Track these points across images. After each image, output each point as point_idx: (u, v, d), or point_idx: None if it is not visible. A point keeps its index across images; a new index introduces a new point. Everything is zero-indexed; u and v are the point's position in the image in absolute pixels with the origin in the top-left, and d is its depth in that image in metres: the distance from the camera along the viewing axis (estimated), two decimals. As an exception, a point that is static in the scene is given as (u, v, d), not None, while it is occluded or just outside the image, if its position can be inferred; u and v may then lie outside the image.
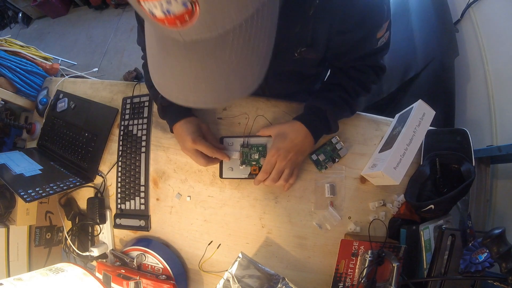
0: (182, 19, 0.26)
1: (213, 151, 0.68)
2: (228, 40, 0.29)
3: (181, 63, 0.32)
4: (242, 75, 0.32)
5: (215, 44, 0.29)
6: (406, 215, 0.66)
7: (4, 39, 1.13)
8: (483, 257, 0.50)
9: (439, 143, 0.66)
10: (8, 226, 0.77)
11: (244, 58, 0.31)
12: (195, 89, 0.33)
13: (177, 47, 0.31)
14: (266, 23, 0.31)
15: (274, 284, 0.60)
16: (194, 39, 0.29)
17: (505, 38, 0.80)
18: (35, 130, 0.96)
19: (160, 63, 0.34)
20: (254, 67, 0.33)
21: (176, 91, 0.34)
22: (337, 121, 0.66)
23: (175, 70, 0.33)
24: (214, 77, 0.32)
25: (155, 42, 0.34)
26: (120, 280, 0.66)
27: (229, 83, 0.32)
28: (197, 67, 0.31)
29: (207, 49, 0.30)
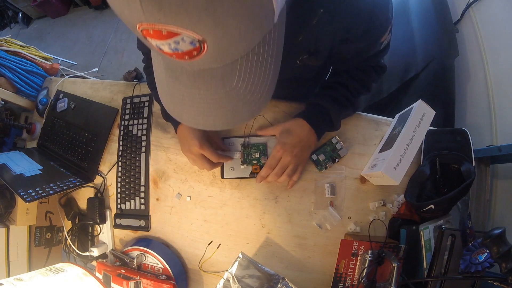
0: (190, 54, 0.27)
1: (218, 157, 0.68)
2: (236, 68, 0.30)
3: (189, 90, 0.32)
4: (249, 100, 0.33)
5: (222, 72, 0.30)
6: (406, 215, 0.66)
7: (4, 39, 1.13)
8: (483, 257, 0.50)
9: (439, 143, 0.66)
10: (8, 226, 0.77)
11: (251, 84, 0.32)
12: (204, 113, 0.34)
13: (186, 75, 0.31)
14: (272, 49, 0.31)
15: (274, 284, 0.60)
16: (202, 68, 0.30)
17: (505, 38, 0.79)
18: (35, 130, 0.96)
19: (169, 88, 0.35)
20: (262, 91, 0.33)
21: (186, 114, 0.35)
22: (340, 119, 0.67)
23: (184, 96, 0.33)
24: (223, 104, 0.32)
25: (163, 69, 0.34)
26: (120, 280, 0.66)
27: (237, 108, 0.33)
28: (205, 94, 0.32)
29: (215, 77, 0.30)
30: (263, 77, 0.32)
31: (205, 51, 0.26)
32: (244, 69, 0.30)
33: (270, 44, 0.31)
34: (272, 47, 0.31)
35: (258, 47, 0.30)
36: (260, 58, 0.30)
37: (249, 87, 0.32)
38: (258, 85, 0.32)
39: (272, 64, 0.32)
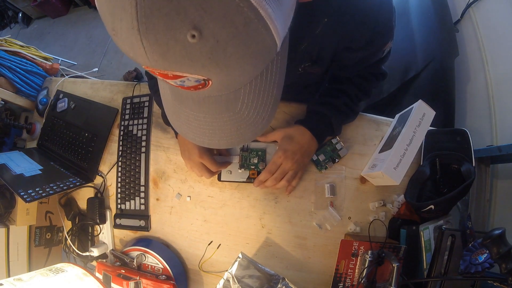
0: (195, 88, 0.28)
1: (217, 166, 0.69)
2: (239, 95, 0.31)
3: (195, 114, 0.34)
4: (253, 122, 0.34)
5: (227, 99, 0.31)
6: (406, 215, 0.66)
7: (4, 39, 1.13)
8: (483, 258, 0.50)
9: (439, 143, 0.66)
10: (8, 226, 0.77)
11: (255, 108, 0.33)
12: (209, 134, 0.35)
13: (191, 100, 0.32)
14: (275, 76, 0.32)
15: (274, 284, 0.60)
16: (207, 95, 0.31)
17: (505, 38, 0.79)
18: (35, 130, 0.96)
19: (175, 109, 0.36)
20: (265, 114, 0.34)
21: (192, 133, 0.36)
22: (341, 126, 0.67)
23: (189, 118, 0.34)
24: (227, 126, 0.34)
25: (169, 91, 0.35)
26: (120, 280, 0.66)
27: (241, 130, 0.34)
28: (210, 118, 0.33)
29: (220, 103, 0.31)
30: (266, 101, 0.33)
31: (210, 85, 0.27)
32: (248, 96, 0.31)
33: (273, 71, 0.31)
34: (275, 74, 0.32)
35: (261, 75, 0.30)
36: (263, 84, 0.31)
37: (252, 111, 0.33)
38: (261, 108, 0.33)
39: (274, 89, 0.33)
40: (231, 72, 0.26)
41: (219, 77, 0.26)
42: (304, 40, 0.50)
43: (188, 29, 0.21)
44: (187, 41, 0.22)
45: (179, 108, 0.35)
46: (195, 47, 0.22)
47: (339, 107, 0.64)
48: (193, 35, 0.22)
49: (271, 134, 0.70)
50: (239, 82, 0.30)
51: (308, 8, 0.45)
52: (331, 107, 0.64)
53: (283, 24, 0.27)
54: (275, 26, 0.25)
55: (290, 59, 0.51)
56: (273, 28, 0.25)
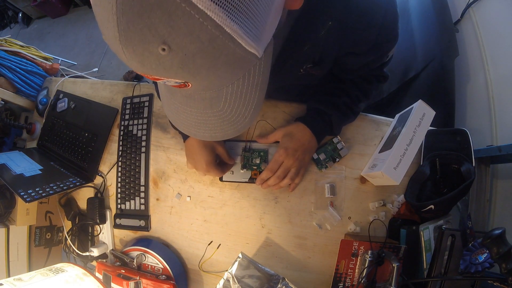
0: (179, 86, 0.31)
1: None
2: (222, 94, 0.33)
3: (183, 107, 0.36)
4: (235, 120, 0.36)
5: (210, 97, 0.33)
6: (406, 215, 0.66)
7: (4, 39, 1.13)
8: (483, 258, 0.50)
9: (439, 143, 0.66)
10: (8, 226, 0.77)
11: (237, 108, 0.35)
12: (196, 127, 0.38)
13: (179, 94, 0.35)
14: (257, 79, 0.34)
15: (274, 284, 0.60)
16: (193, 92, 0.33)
17: (505, 38, 0.79)
18: (35, 130, 0.96)
19: (168, 100, 0.39)
20: (246, 114, 0.36)
21: (181, 124, 0.39)
22: (340, 126, 0.67)
23: (179, 110, 0.37)
24: (211, 121, 0.36)
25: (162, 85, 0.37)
26: (120, 280, 0.66)
27: (224, 126, 0.37)
28: (196, 112, 0.36)
29: (204, 100, 0.34)
30: (248, 102, 0.35)
31: (190, 86, 0.30)
32: (230, 96, 0.33)
33: (255, 74, 0.33)
34: (258, 76, 0.33)
35: (244, 77, 0.32)
36: (245, 86, 0.33)
37: (234, 110, 0.35)
38: (244, 108, 0.35)
39: (257, 92, 0.35)
40: (205, 78, 0.29)
41: (195, 81, 0.29)
42: (308, 42, 0.50)
43: (158, 44, 0.24)
44: (159, 53, 0.24)
45: (170, 100, 0.38)
46: (166, 58, 0.25)
47: (339, 106, 0.64)
48: (163, 48, 0.24)
49: (272, 135, 0.70)
50: (218, 85, 0.32)
51: (313, 11, 0.45)
52: (331, 105, 0.64)
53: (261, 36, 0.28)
54: (245, 39, 0.26)
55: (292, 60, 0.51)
56: (242, 41, 0.26)
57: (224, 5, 0.23)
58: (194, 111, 0.36)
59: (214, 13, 0.23)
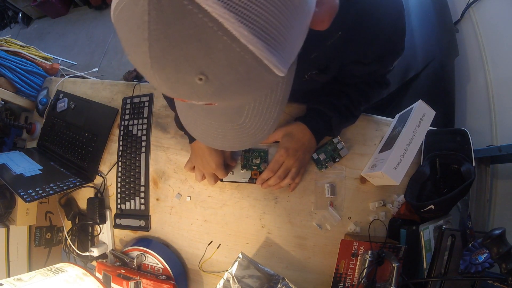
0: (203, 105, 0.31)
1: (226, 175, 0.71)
2: (243, 110, 0.33)
3: (202, 120, 0.36)
4: (254, 133, 0.36)
5: (232, 112, 0.33)
6: (406, 215, 0.66)
7: (4, 39, 1.12)
8: (483, 258, 0.50)
9: (439, 143, 0.66)
10: (8, 226, 0.77)
11: (257, 122, 0.35)
12: (213, 138, 0.38)
13: (200, 108, 0.35)
14: (279, 96, 0.33)
15: (274, 284, 0.60)
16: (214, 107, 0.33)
17: (505, 38, 0.79)
18: (35, 130, 0.96)
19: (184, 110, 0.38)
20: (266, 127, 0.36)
21: (197, 133, 0.39)
22: (340, 128, 0.67)
23: (197, 122, 0.37)
24: (230, 134, 0.36)
25: None
26: (120, 280, 0.66)
27: (242, 138, 0.37)
28: (215, 125, 0.36)
29: (225, 114, 0.34)
30: (269, 117, 0.35)
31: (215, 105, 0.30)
32: (252, 112, 0.33)
33: (277, 91, 0.33)
34: (280, 93, 0.33)
35: (266, 96, 0.32)
36: (267, 103, 0.33)
37: (254, 124, 0.35)
38: (263, 122, 0.35)
39: (278, 106, 0.34)
40: (234, 100, 0.30)
41: (223, 103, 0.30)
42: (315, 50, 0.50)
43: (196, 74, 0.23)
44: (194, 82, 0.24)
45: (187, 111, 0.38)
46: (202, 87, 0.25)
47: (340, 108, 0.64)
48: (201, 78, 0.24)
49: (271, 135, 0.70)
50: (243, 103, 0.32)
51: None
52: (331, 107, 0.64)
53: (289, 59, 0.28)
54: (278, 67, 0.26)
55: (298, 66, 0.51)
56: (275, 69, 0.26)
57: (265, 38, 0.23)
58: (214, 124, 0.36)
59: (255, 46, 0.23)
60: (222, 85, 0.25)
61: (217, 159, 0.66)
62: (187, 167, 0.73)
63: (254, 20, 0.22)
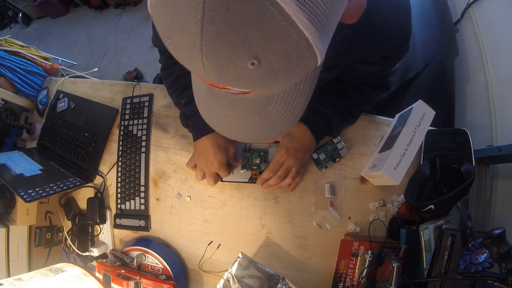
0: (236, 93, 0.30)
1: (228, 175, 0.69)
2: (272, 100, 0.33)
3: (228, 111, 0.35)
4: (279, 124, 0.36)
5: (260, 103, 0.33)
6: (406, 215, 0.66)
7: (4, 39, 1.12)
8: (483, 258, 0.50)
9: (439, 143, 0.66)
10: (8, 226, 0.77)
11: (283, 114, 0.35)
12: (237, 130, 0.37)
13: (225, 99, 0.34)
14: (306, 87, 0.34)
15: (274, 284, 0.60)
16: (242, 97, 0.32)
17: (505, 38, 0.79)
18: (35, 130, 0.96)
19: (208, 103, 0.37)
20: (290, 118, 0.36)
21: (221, 126, 0.38)
22: (340, 129, 0.67)
23: (221, 113, 0.36)
24: (255, 125, 0.36)
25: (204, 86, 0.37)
26: (120, 280, 0.66)
27: (267, 129, 0.36)
28: (241, 116, 0.35)
29: (252, 105, 0.34)
30: (295, 107, 0.35)
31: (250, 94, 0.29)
32: (280, 102, 0.33)
33: (306, 82, 0.33)
34: (308, 84, 0.33)
35: (295, 86, 0.32)
36: (296, 93, 0.33)
37: (281, 115, 0.35)
38: (289, 113, 0.35)
39: (304, 97, 0.35)
40: (274, 89, 0.29)
41: (262, 91, 0.29)
42: None
43: (249, 58, 0.23)
44: (246, 67, 0.24)
45: (212, 103, 0.37)
46: (252, 73, 0.24)
47: (340, 108, 0.64)
48: (253, 63, 0.23)
49: None
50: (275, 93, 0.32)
51: None
52: (332, 107, 0.64)
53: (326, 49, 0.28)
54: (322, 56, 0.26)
55: None
56: (319, 58, 0.26)
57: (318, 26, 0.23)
58: (239, 116, 0.35)
59: (310, 34, 0.23)
60: (271, 71, 0.24)
61: (221, 159, 0.66)
62: (189, 165, 0.73)
63: (311, 7, 0.22)
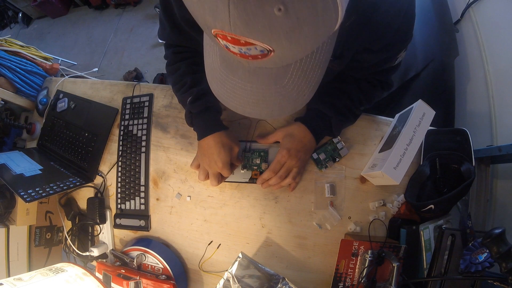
0: (255, 57, 0.30)
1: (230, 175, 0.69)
2: (289, 70, 0.33)
3: (243, 83, 0.35)
4: (295, 97, 0.36)
5: (276, 72, 0.33)
6: (406, 215, 0.66)
7: (4, 39, 1.13)
8: (483, 257, 0.50)
9: (439, 143, 0.66)
10: (8, 226, 0.77)
11: (299, 84, 0.35)
12: (253, 104, 0.37)
13: (242, 70, 0.34)
14: (322, 57, 0.34)
15: (274, 284, 0.60)
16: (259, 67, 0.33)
17: (505, 38, 0.80)
18: (35, 130, 0.96)
19: (222, 78, 0.37)
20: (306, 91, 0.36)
21: (235, 102, 0.38)
22: (340, 128, 0.67)
23: (236, 88, 0.36)
24: (271, 98, 0.36)
25: (218, 58, 0.37)
26: (120, 280, 0.66)
27: (283, 103, 0.36)
28: (257, 88, 0.35)
29: (269, 75, 0.34)
30: (311, 79, 0.35)
31: (270, 56, 0.29)
32: (296, 72, 0.33)
33: (321, 52, 0.33)
34: (323, 54, 0.33)
35: (312, 54, 0.33)
36: (312, 62, 0.33)
37: (297, 87, 0.35)
38: (305, 85, 0.35)
39: (319, 69, 0.35)
40: (296, 47, 0.29)
41: (283, 50, 0.28)
42: None
43: (277, 3, 0.23)
44: (273, 13, 0.24)
45: (226, 77, 0.36)
46: (278, 20, 0.24)
47: (340, 108, 0.64)
48: (280, 8, 0.24)
49: (271, 136, 0.70)
50: (294, 58, 0.32)
51: None
52: (331, 107, 0.64)
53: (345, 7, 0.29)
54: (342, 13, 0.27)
55: None
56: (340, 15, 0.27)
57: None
58: (255, 88, 0.35)
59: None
60: (297, 21, 0.25)
61: (225, 158, 0.65)
62: (193, 165, 0.72)
63: None
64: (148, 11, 2.51)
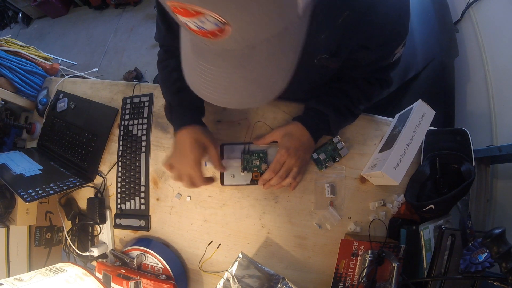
0: (213, 34, 0.29)
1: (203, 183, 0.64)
2: (254, 52, 0.32)
3: (210, 67, 0.35)
4: (264, 84, 0.35)
5: (242, 55, 0.32)
6: (406, 215, 0.66)
7: (4, 39, 1.13)
8: (483, 257, 0.50)
9: (439, 143, 0.66)
10: (8, 226, 0.77)
11: (267, 70, 0.34)
12: (221, 91, 0.36)
13: (208, 52, 0.34)
14: (292, 40, 0.33)
15: (274, 284, 0.60)
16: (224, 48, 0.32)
17: (505, 38, 0.80)
18: (35, 130, 0.96)
19: (193, 64, 0.37)
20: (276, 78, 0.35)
21: (206, 90, 0.37)
22: (339, 127, 0.67)
23: (205, 72, 0.36)
24: (239, 84, 0.35)
25: (189, 44, 0.36)
26: (120, 280, 0.66)
27: (252, 91, 0.36)
28: (224, 73, 0.34)
29: (235, 58, 0.33)
30: (279, 65, 0.34)
31: (228, 33, 0.28)
32: (262, 54, 0.32)
33: (291, 35, 0.32)
34: (293, 39, 0.33)
35: (280, 36, 0.31)
36: (279, 46, 0.32)
37: (265, 72, 0.34)
38: (276, 71, 0.34)
39: (289, 55, 0.34)
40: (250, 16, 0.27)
41: (237, 22, 0.27)
42: (324, 29, 0.49)
43: None
44: None
45: (196, 62, 0.36)
46: None
47: (339, 107, 0.63)
48: None
49: (269, 136, 0.69)
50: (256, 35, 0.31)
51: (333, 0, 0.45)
52: (330, 106, 0.64)
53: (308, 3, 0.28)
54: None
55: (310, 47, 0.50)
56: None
57: None
58: (223, 72, 0.34)
59: None
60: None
61: (196, 156, 0.61)
62: (166, 164, 0.66)
63: None
64: (148, 11, 2.51)
